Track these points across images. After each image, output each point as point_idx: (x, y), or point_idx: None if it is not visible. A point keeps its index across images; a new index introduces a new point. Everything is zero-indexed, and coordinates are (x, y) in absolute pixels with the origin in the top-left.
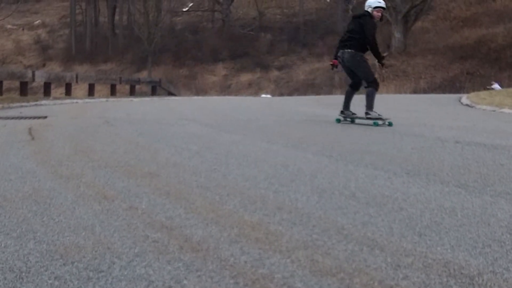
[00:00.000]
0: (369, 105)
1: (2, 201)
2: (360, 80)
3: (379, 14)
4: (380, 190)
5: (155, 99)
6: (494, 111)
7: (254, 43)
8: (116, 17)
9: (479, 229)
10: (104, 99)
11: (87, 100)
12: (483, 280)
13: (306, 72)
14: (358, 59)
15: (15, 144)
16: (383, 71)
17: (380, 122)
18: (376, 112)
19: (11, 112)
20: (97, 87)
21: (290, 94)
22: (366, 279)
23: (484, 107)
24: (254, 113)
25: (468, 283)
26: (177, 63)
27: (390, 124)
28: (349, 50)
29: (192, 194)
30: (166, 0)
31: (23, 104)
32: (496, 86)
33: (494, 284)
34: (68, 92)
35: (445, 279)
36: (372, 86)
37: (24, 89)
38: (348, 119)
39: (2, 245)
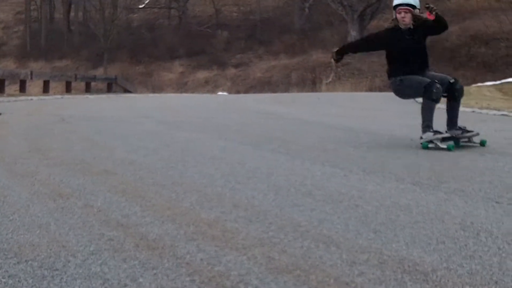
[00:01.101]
0: (423, 125)
1: None
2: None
3: (401, 15)
4: (336, 188)
5: (111, 96)
6: None
7: (210, 41)
8: (72, 14)
9: (433, 226)
10: (59, 96)
11: (42, 97)
12: (437, 276)
13: (263, 69)
14: (396, 88)
15: None
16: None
17: (430, 145)
18: (432, 131)
19: None
20: (52, 84)
21: (246, 91)
22: (322, 276)
23: (439, 105)
24: (210, 111)
25: (422, 279)
26: (133, 60)
27: (483, 144)
28: (389, 82)
29: (149, 192)
30: None
31: None
32: None
33: (448, 280)
34: (22, 89)
35: (400, 276)
36: (425, 96)
37: None
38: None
39: None
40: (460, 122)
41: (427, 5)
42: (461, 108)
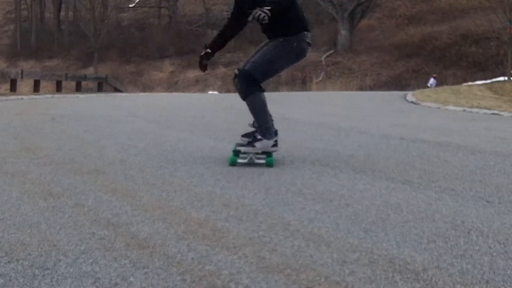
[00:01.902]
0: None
1: None
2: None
3: None
4: (326, 187)
5: (102, 95)
6: (439, 108)
7: (201, 40)
8: (62, 13)
9: (424, 225)
10: (49, 96)
11: (32, 96)
12: (428, 275)
13: None
14: None
15: None
16: None
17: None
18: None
19: None
20: (43, 84)
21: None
22: (313, 275)
23: (429, 104)
24: (201, 110)
25: (413, 278)
26: (123, 59)
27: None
28: None
29: (139, 191)
30: None
31: None
32: (432, 82)
33: (438, 279)
34: (13, 89)
35: (390, 275)
36: None
37: None
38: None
39: None
40: (448, 121)
41: None
42: (452, 107)
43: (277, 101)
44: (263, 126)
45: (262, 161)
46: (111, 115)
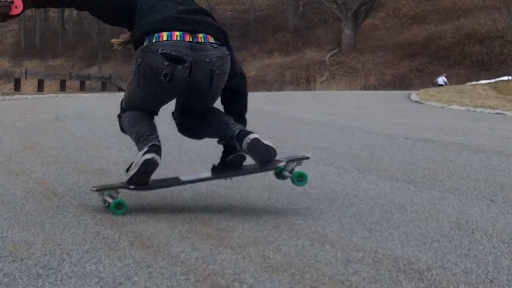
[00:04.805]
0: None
1: None
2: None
3: None
4: (330, 186)
5: (106, 95)
6: (442, 108)
7: None
8: (66, 12)
9: (428, 224)
10: (53, 95)
11: (36, 95)
12: (432, 275)
13: (257, 68)
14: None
15: None
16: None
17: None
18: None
19: None
20: (47, 83)
21: None
22: (317, 275)
23: (433, 103)
24: None
25: (417, 278)
26: (127, 58)
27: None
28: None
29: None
30: None
31: None
32: (441, 79)
33: (443, 279)
34: (17, 88)
35: (394, 274)
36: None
37: None
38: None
39: None
40: (452, 121)
41: None
42: (456, 107)
43: (282, 101)
44: (135, 141)
45: None
46: (114, 115)
